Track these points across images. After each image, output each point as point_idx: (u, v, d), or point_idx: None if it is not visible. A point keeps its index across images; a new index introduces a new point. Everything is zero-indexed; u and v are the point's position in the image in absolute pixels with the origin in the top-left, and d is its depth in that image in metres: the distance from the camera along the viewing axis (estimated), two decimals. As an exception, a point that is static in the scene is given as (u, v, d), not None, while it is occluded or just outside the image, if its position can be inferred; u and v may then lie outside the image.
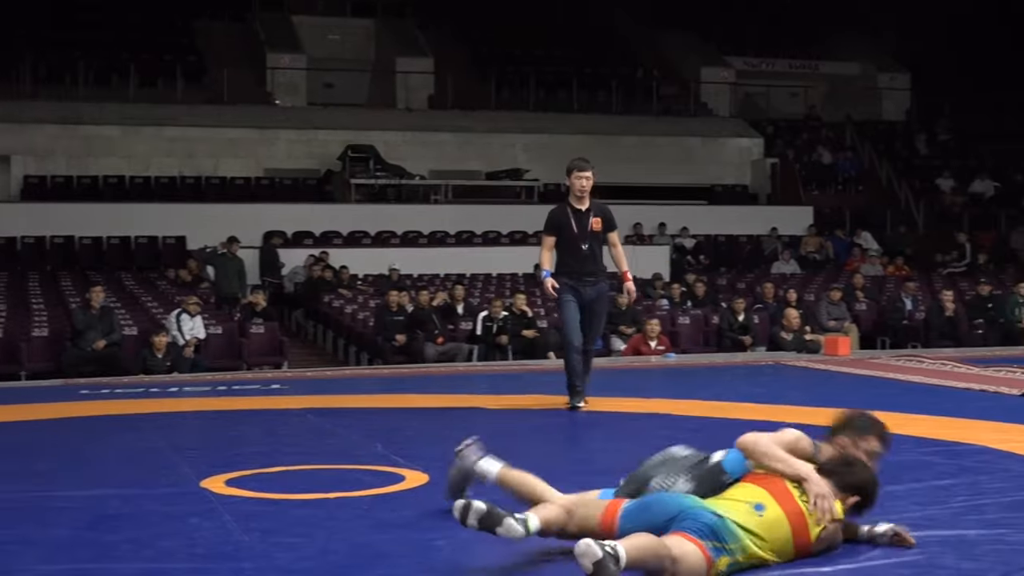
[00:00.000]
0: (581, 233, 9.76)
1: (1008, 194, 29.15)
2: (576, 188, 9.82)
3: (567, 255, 9.80)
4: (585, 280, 9.76)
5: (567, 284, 9.75)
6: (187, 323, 16.20)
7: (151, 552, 5.04)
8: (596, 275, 9.86)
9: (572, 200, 9.87)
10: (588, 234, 9.78)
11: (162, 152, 26.26)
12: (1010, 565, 4.67)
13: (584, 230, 9.77)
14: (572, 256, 9.75)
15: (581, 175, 9.82)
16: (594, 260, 9.85)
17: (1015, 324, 18.92)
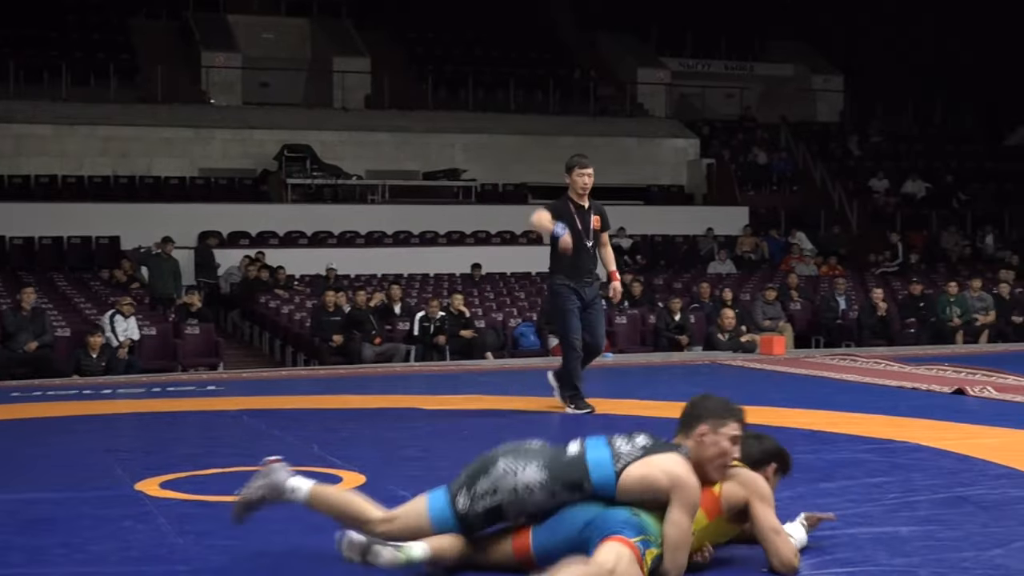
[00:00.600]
0: (584, 230, 9.50)
1: (939, 195, 29.54)
2: (578, 185, 9.58)
3: (568, 256, 9.38)
4: (585, 281, 9.54)
5: (568, 287, 9.51)
6: (121, 324, 16.03)
7: (83, 556, 4.98)
8: (593, 275, 9.66)
9: (573, 197, 9.60)
10: (591, 232, 9.55)
11: (95, 151, 25.96)
12: (942, 561, 4.73)
13: (587, 228, 9.53)
14: (574, 254, 9.36)
15: (583, 172, 9.60)
16: (593, 259, 9.64)
17: (946, 323, 19.19)
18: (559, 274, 9.55)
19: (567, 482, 4.47)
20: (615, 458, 4.50)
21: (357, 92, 29.42)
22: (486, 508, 4.47)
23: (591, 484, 4.46)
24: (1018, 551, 4.88)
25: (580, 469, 4.49)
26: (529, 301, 20.45)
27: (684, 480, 4.41)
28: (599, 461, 4.50)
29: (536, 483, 4.46)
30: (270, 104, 29.06)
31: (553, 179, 27.58)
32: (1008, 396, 10.45)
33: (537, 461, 4.51)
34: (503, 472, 4.49)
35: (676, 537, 4.38)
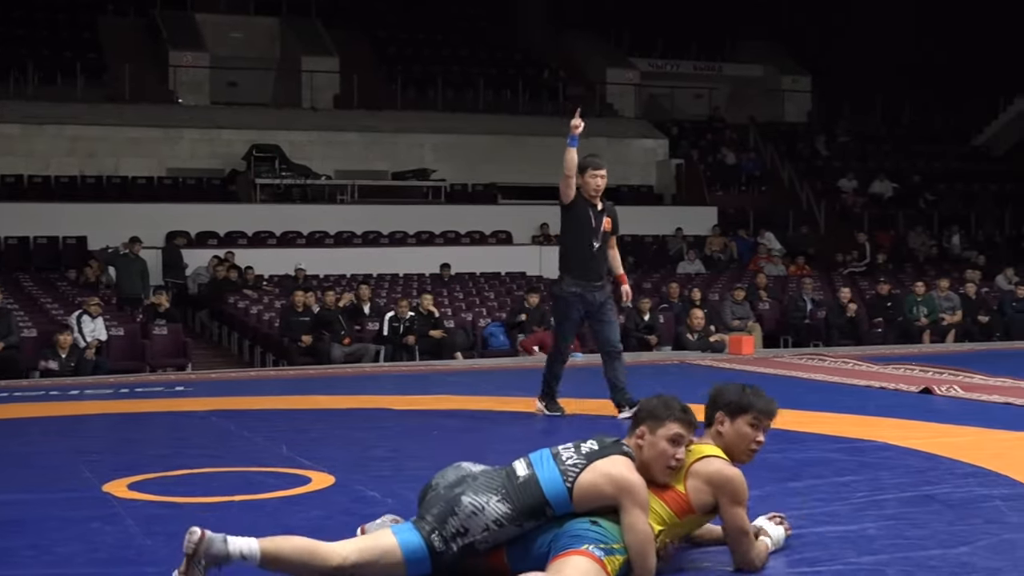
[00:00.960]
0: (596, 232, 9.30)
1: (906, 195, 29.72)
2: (591, 187, 9.31)
3: (579, 252, 9.27)
4: (594, 285, 9.31)
5: (574, 294, 9.30)
6: (88, 325, 15.94)
7: (51, 558, 4.95)
8: (603, 278, 9.43)
9: (586, 197, 9.34)
10: (600, 234, 9.34)
11: (62, 151, 25.80)
12: (909, 560, 4.76)
13: (599, 229, 9.32)
14: (585, 254, 9.24)
15: (596, 173, 9.33)
16: (603, 261, 9.42)
17: (913, 323, 19.30)
18: (568, 276, 9.34)
19: (528, 510, 4.42)
20: (564, 475, 4.45)
21: (326, 92, 29.35)
22: (460, 547, 4.40)
23: (552, 509, 4.43)
24: (984, 549, 4.92)
25: (537, 494, 4.43)
26: (499, 301, 20.44)
27: (627, 482, 4.40)
28: (551, 481, 4.45)
29: (504, 517, 4.40)
30: (238, 104, 28.96)
31: (522, 179, 27.92)
32: (974, 395, 10.52)
33: (497, 494, 4.43)
34: (471, 511, 4.39)
35: (637, 542, 4.36)
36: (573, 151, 9.12)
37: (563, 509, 4.44)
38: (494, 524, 4.40)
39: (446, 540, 4.38)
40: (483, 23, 33.71)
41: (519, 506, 4.42)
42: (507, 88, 30.67)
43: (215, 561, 4.23)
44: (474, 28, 33.34)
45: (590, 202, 9.30)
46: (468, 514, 4.39)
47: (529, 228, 25.56)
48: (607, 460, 4.47)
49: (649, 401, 4.69)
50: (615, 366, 9.45)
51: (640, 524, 4.37)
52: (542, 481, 4.45)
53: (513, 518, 4.41)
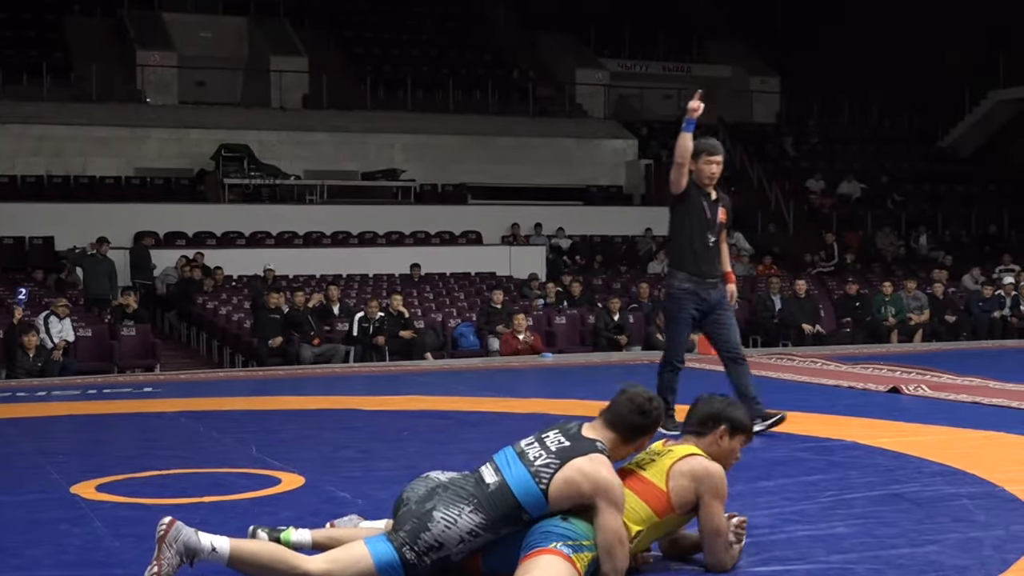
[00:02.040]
0: (711, 223, 8.28)
1: (874, 196, 29.88)
2: (706, 174, 8.28)
3: (692, 246, 8.22)
4: (708, 282, 8.28)
5: (687, 292, 8.27)
6: (55, 325, 15.84)
7: (18, 560, 4.92)
8: (719, 275, 8.40)
9: (700, 186, 8.30)
10: (716, 225, 8.33)
11: (28, 151, 25.62)
12: (878, 558, 4.79)
13: (714, 220, 8.30)
14: (699, 247, 8.21)
15: (712, 159, 8.33)
16: (718, 256, 8.40)
17: (881, 322, 19.41)
18: (680, 272, 8.31)
19: (503, 518, 4.40)
20: (535, 476, 4.42)
21: (295, 92, 29.26)
22: (434, 560, 4.37)
23: (528, 513, 4.42)
24: (952, 547, 4.95)
25: (510, 501, 4.40)
26: (468, 301, 20.44)
27: (606, 482, 4.40)
28: (522, 484, 4.42)
29: (479, 527, 4.38)
30: (207, 103, 28.83)
31: (492, 179, 27.92)
32: (942, 394, 10.58)
33: (468, 503, 4.40)
34: (444, 526, 4.36)
35: (607, 542, 4.36)
36: (688, 136, 8.21)
37: (539, 511, 4.42)
38: (469, 535, 4.38)
39: (419, 554, 4.35)
40: (452, 23, 33.69)
41: (493, 515, 4.39)
42: (477, 88, 30.66)
43: (187, 552, 4.23)
44: (443, 28, 33.31)
45: (704, 191, 8.30)
46: (441, 529, 4.36)
47: (499, 228, 25.57)
48: (585, 458, 4.45)
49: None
50: (740, 372, 8.41)
51: (613, 524, 4.36)
52: (513, 486, 4.42)
53: (488, 526, 4.39)
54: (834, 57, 34.54)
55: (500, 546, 4.46)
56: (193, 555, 4.26)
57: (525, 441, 4.58)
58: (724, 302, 8.40)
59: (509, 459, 4.52)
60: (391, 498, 5.52)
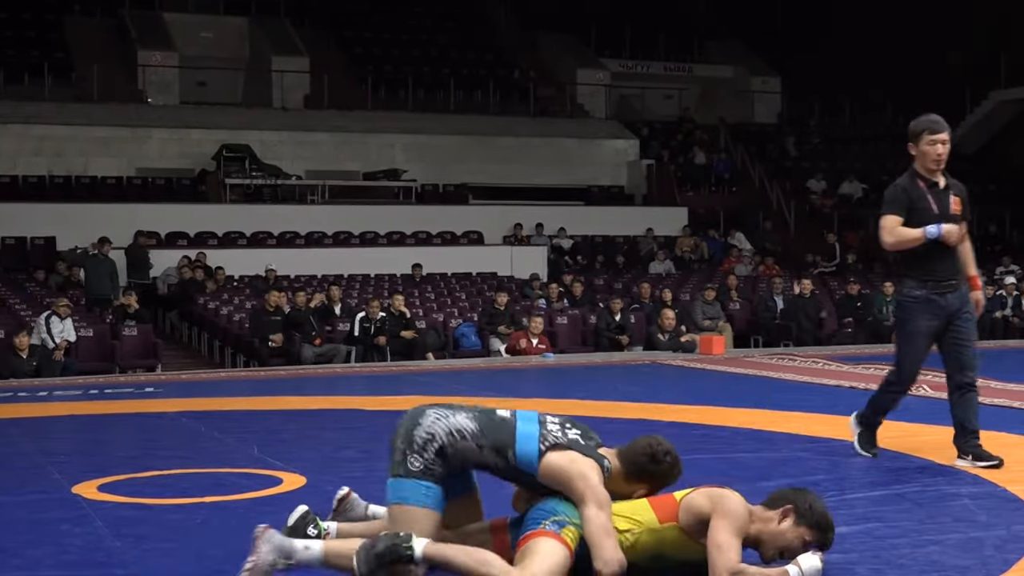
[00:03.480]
0: (942, 216, 6.92)
1: (875, 196, 29.85)
2: (930, 157, 6.97)
3: (922, 249, 6.89)
4: (946, 285, 6.95)
5: (918, 301, 6.94)
6: (57, 326, 15.84)
7: (19, 560, 4.92)
8: (958, 276, 7.02)
9: (923, 172, 7.04)
10: (948, 218, 6.95)
11: (30, 151, 25.61)
12: (879, 558, 4.78)
13: (945, 212, 6.94)
14: (928, 246, 6.87)
15: (935, 138, 6.96)
16: (955, 255, 7.00)
17: (883, 322, 19.39)
18: (909, 279, 7.04)
19: (493, 443, 4.55)
20: (542, 437, 4.55)
21: (296, 92, 29.27)
22: (435, 452, 4.51)
23: (514, 455, 4.53)
24: (953, 547, 4.95)
25: (508, 435, 4.58)
26: (470, 302, 20.44)
27: (595, 484, 4.45)
28: (526, 435, 4.57)
29: (466, 429, 4.56)
30: (208, 103, 28.83)
31: (493, 179, 27.91)
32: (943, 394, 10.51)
33: (466, 412, 4.63)
34: (434, 419, 4.58)
35: (592, 533, 4.38)
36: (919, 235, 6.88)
37: (525, 465, 4.53)
38: (456, 432, 4.54)
39: (421, 453, 4.50)
40: (453, 23, 33.69)
41: (487, 433, 4.58)
42: (478, 89, 30.66)
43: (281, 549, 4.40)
44: (444, 28, 33.31)
45: (929, 179, 7.03)
46: (432, 420, 4.58)
47: (500, 228, 25.56)
48: (588, 461, 4.52)
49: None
50: (966, 403, 7.02)
51: (598, 516, 4.39)
52: (518, 430, 4.59)
53: (476, 436, 4.55)
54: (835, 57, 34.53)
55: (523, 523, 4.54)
56: (289, 553, 4.40)
57: (552, 415, 4.73)
58: (965, 311, 7.00)
59: (530, 416, 4.70)
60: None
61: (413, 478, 4.50)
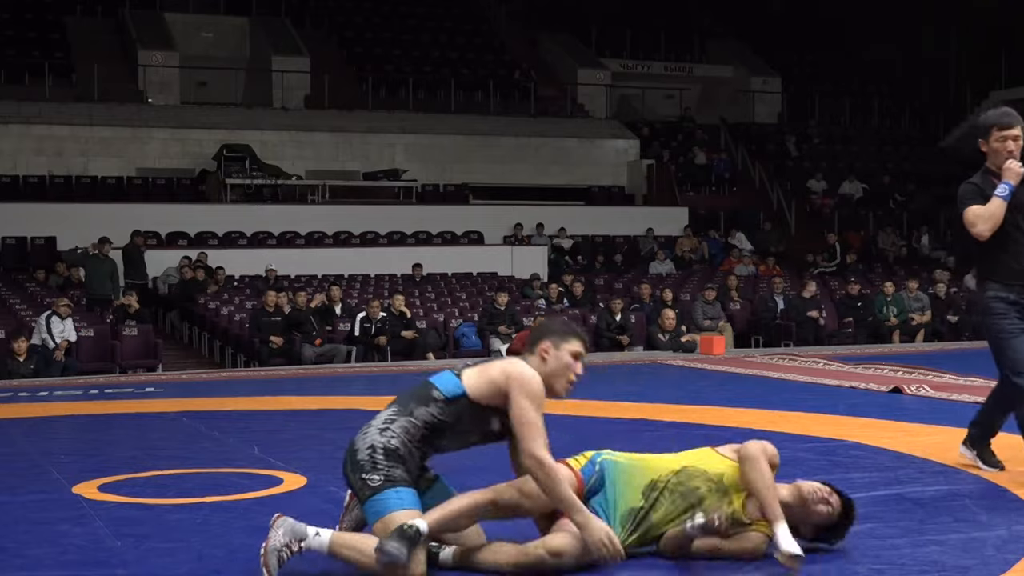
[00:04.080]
0: (1020, 211, 6.35)
1: (875, 196, 29.86)
2: (1001, 155, 6.39)
3: (1001, 243, 6.34)
4: None
5: (1004, 301, 6.35)
6: (57, 326, 15.84)
7: (20, 561, 4.92)
8: None
9: (995, 170, 6.45)
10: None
11: (30, 151, 25.62)
12: (880, 558, 4.78)
13: (1020, 207, 6.36)
14: (1008, 243, 6.34)
15: (1007, 134, 6.38)
16: None
17: (883, 323, 19.40)
18: (991, 282, 6.43)
19: (418, 400, 4.69)
20: (454, 368, 4.76)
21: (296, 92, 29.27)
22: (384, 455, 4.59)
23: (440, 392, 4.66)
24: (954, 547, 4.94)
25: (425, 385, 4.73)
26: (470, 302, 20.44)
27: (519, 372, 4.62)
28: (442, 377, 4.74)
29: (390, 415, 4.68)
30: (208, 103, 28.83)
31: (494, 179, 27.91)
32: (944, 394, 10.58)
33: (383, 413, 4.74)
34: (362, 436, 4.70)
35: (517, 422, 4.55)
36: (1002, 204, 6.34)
37: (450, 389, 4.67)
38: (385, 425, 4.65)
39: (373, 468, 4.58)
40: (454, 23, 33.69)
41: (407, 400, 4.72)
42: (478, 89, 30.67)
43: (294, 533, 4.53)
44: (445, 28, 33.32)
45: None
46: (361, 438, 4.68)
47: (501, 228, 25.56)
48: (503, 360, 4.78)
49: (551, 320, 4.90)
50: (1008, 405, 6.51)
51: (518, 410, 4.56)
52: (433, 379, 4.76)
53: (401, 411, 4.67)
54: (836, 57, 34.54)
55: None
56: (301, 537, 4.52)
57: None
58: None
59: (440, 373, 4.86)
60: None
61: (380, 493, 4.56)
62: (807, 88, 34.33)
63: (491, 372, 4.66)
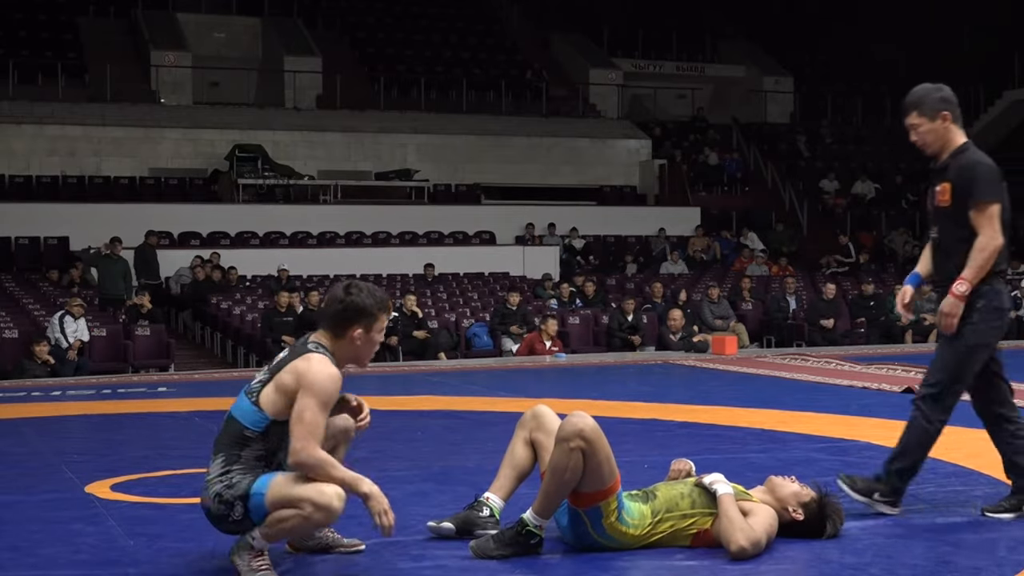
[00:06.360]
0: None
1: (888, 196, 29.80)
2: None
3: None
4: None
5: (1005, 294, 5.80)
6: (71, 325, 15.88)
7: (33, 560, 4.93)
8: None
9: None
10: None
11: (43, 151, 25.69)
12: (892, 559, 4.78)
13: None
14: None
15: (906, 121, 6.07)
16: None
17: (895, 323, 19.35)
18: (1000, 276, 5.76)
19: (232, 442, 4.59)
20: (248, 394, 4.63)
21: (309, 92, 29.31)
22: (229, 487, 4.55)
23: (250, 429, 4.58)
24: (967, 548, 4.94)
25: (233, 425, 4.63)
26: (482, 301, 20.44)
27: (308, 373, 4.51)
28: (243, 410, 4.62)
29: (221, 465, 4.59)
30: (221, 104, 28.88)
31: (506, 179, 27.92)
32: (956, 395, 10.53)
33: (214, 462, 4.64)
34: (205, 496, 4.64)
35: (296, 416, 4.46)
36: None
37: (256, 422, 4.58)
38: (219, 476, 4.56)
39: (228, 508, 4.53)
40: (465, 24, 33.71)
41: (224, 445, 4.61)
42: (490, 89, 30.68)
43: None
44: (456, 29, 33.34)
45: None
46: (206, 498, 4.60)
47: (512, 228, 25.57)
48: (297, 359, 4.59)
49: (359, 295, 4.70)
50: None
51: (299, 407, 4.47)
52: (234, 413, 4.64)
53: (227, 459, 4.58)
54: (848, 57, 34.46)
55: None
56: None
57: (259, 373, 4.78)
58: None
59: (240, 396, 4.71)
60: (403, 498, 5.56)
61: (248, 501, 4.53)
62: (819, 88, 34.28)
63: (283, 379, 4.57)
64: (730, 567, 4.69)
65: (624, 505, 4.88)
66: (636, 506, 4.92)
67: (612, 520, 4.83)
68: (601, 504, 4.80)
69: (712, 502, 4.92)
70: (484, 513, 5.13)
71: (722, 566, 4.71)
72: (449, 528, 5.12)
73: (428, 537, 5.16)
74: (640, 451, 7.44)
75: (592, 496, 4.79)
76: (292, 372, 4.56)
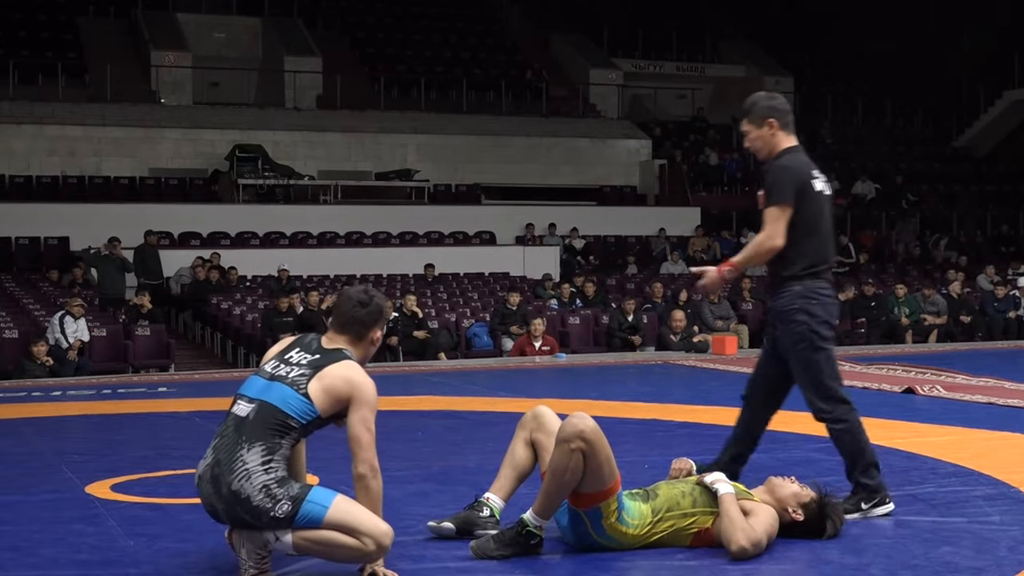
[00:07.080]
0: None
1: (888, 196, 29.81)
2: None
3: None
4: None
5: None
6: (71, 325, 15.87)
7: (33, 560, 4.93)
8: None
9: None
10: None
11: (43, 151, 25.70)
12: (892, 559, 4.78)
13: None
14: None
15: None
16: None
17: (896, 323, 19.36)
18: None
19: (275, 431, 4.52)
20: (293, 386, 4.58)
21: (309, 92, 29.31)
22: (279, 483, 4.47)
23: (296, 420, 4.55)
24: (967, 548, 4.93)
25: (275, 414, 4.55)
26: (482, 302, 20.44)
27: (360, 383, 4.62)
28: (283, 398, 4.56)
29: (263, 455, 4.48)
30: (221, 104, 28.89)
31: (506, 179, 27.92)
32: (957, 395, 10.55)
33: (242, 448, 4.50)
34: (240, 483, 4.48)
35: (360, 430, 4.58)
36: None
37: (306, 415, 4.56)
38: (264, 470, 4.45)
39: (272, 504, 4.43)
40: (465, 24, 33.71)
41: (265, 436, 4.51)
42: (490, 89, 30.69)
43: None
44: (457, 28, 33.34)
45: None
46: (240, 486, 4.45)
47: (513, 228, 25.57)
48: (339, 365, 4.64)
49: (380, 299, 4.90)
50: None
51: (355, 418, 4.59)
52: (274, 402, 4.56)
53: (270, 448, 4.49)
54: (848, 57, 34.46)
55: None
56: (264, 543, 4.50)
57: (270, 366, 4.71)
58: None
59: (262, 386, 4.65)
60: (404, 498, 5.56)
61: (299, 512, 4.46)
62: (819, 88, 34.28)
63: (335, 383, 4.59)
64: (730, 567, 4.70)
65: (624, 505, 4.88)
66: (636, 505, 4.93)
67: (612, 521, 4.83)
68: (601, 505, 4.81)
69: (713, 501, 4.93)
70: (484, 513, 5.13)
71: (722, 566, 4.71)
72: (449, 528, 5.13)
73: (428, 537, 5.16)
74: (640, 451, 7.44)
75: (592, 497, 4.80)
76: (344, 380, 4.60)
